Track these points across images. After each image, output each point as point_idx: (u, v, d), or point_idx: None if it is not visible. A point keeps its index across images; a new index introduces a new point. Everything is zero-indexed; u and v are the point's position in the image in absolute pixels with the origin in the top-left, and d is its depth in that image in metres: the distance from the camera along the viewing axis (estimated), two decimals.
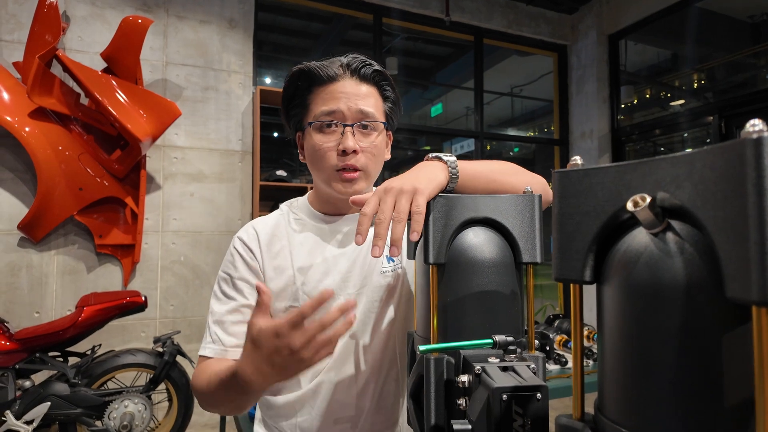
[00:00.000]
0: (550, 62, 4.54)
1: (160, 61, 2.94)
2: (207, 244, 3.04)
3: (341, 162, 0.83)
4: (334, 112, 0.83)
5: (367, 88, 0.86)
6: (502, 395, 0.47)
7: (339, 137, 0.84)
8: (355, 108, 0.83)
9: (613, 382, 0.34)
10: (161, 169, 2.94)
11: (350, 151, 0.82)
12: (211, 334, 0.85)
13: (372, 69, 0.87)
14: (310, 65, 0.86)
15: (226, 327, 0.84)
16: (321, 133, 0.84)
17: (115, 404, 2.23)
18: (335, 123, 0.84)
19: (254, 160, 3.10)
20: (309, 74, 0.85)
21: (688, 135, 4.23)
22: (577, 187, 0.37)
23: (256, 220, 0.94)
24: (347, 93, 0.84)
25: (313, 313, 0.62)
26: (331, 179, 0.85)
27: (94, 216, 2.74)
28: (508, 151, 6.49)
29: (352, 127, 0.83)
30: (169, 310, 2.94)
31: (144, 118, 2.66)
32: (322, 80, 0.85)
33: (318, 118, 0.84)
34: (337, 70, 0.85)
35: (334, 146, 0.84)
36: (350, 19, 3.93)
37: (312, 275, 0.86)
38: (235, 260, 0.88)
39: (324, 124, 0.84)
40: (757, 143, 0.25)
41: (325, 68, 0.85)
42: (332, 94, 0.84)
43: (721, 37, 4.03)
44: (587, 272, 0.36)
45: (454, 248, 0.60)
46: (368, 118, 0.84)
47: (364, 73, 0.86)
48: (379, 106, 0.88)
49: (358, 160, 0.84)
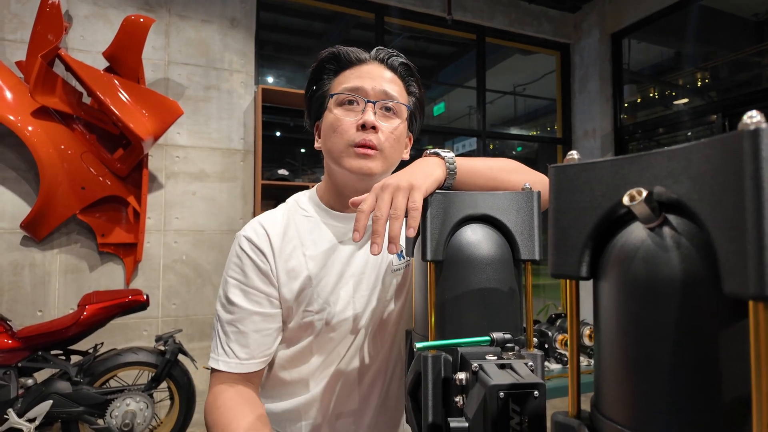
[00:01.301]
0: (552, 61, 4.53)
1: (162, 60, 2.95)
2: (209, 243, 3.04)
3: (358, 137, 0.79)
4: (358, 88, 0.81)
5: (392, 76, 0.85)
6: (498, 392, 0.47)
7: (360, 114, 0.81)
8: (379, 88, 0.82)
9: (609, 378, 0.33)
10: (163, 168, 2.95)
11: (369, 126, 0.79)
12: (223, 346, 0.80)
13: (399, 61, 0.86)
14: (340, 49, 0.85)
15: (238, 338, 0.80)
16: (342, 107, 0.82)
17: (117, 402, 2.24)
18: (357, 99, 0.82)
19: (256, 159, 3.10)
20: (338, 57, 0.84)
21: (691, 134, 4.21)
22: (574, 182, 0.36)
23: (263, 216, 0.87)
24: (372, 74, 0.83)
25: None
26: (344, 154, 0.80)
27: (97, 215, 2.75)
28: (511, 150, 6.48)
29: (374, 105, 0.81)
30: (171, 308, 2.94)
31: (146, 117, 2.66)
32: (350, 62, 0.84)
33: (341, 92, 0.82)
34: (364, 56, 0.85)
35: (353, 121, 0.80)
36: (352, 18, 3.92)
37: (326, 278, 0.82)
38: (244, 264, 0.81)
39: (346, 100, 0.82)
40: (755, 134, 0.24)
41: (354, 53, 0.84)
42: (358, 74, 0.83)
43: (724, 35, 4.01)
44: (584, 268, 0.35)
45: (451, 245, 0.60)
46: (392, 100, 0.82)
47: (391, 63, 0.85)
48: (403, 95, 0.86)
49: (377, 137, 0.80)
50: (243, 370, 0.79)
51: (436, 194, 0.59)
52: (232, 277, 0.82)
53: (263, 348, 0.81)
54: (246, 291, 0.81)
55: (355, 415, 0.85)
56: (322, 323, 0.82)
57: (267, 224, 0.84)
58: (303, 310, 0.82)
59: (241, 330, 0.80)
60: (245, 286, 0.81)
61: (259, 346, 0.80)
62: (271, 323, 0.82)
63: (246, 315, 0.80)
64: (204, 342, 2.98)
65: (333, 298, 0.82)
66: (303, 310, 0.82)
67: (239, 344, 0.80)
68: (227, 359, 0.79)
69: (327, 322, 0.82)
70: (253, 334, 0.80)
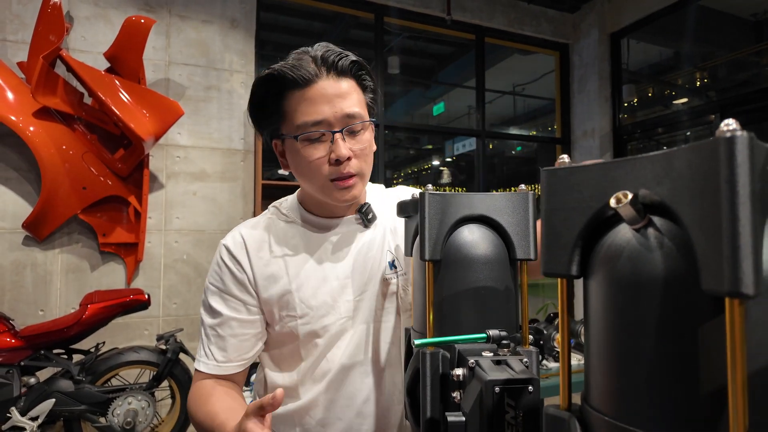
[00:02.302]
0: (551, 61, 4.54)
1: (162, 60, 2.96)
2: (209, 243, 3.06)
3: (336, 172, 0.78)
4: (320, 122, 0.76)
5: (347, 83, 0.79)
6: (494, 388, 0.49)
7: (329, 146, 0.78)
8: (341, 113, 0.77)
9: (596, 372, 0.35)
10: (164, 168, 2.96)
11: (344, 159, 0.77)
12: (204, 348, 0.84)
13: (349, 60, 0.79)
14: (280, 69, 0.77)
15: (217, 341, 0.83)
16: (309, 144, 0.78)
17: (119, 401, 2.26)
18: (323, 133, 0.77)
19: (256, 159, 3.12)
20: (281, 79, 0.77)
21: (690, 133, 4.23)
22: (564, 185, 0.38)
23: (244, 224, 0.89)
24: (328, 95, 0.77)
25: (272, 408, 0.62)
26: (326, 189, 0.80)
27: (98, 215, 2.76)
28: (511, 150, 6.49)
29: (341, 133, 0.77)
30: (172, 308, 2.96)
31: (147, 117, 2.67)
32: (297, 84, 0.77)
33: (305, 131, 0.77)
34: (311, 70, 0.77)
35: (325, 157, 0.78)
36: (352, 19, 3.94)
37: (308, 282, 0.82)
38: (222, 272, 0.84)
39: (312, 137, 0.77)
40: (730, 141, 0.26)
41: (298, 70, 0.76)
42: (312, 100, 0.77)
43: (723, 35, 4.02)
44: (574, 267, 0.37)
45: (449, 245, 0.61)
46: (356, 120, 0.79)
47: (341, 66, 0.78)
48: (361, 100, 0.82)
49: (352, 165, 0.79)
50: (221, 372, 0.83)
51: (433, 195, 0.61)
52: (212, 283, 0.86)
53: (241, 352, 0.84)
54: (224, 297, 0.84)
55: (350, 421, 0.84)
56: (307, 328, 0.82)
57: (245, 231, 0.86)
58: (286, 315, 0.82)
59: (220, 334, 0.83)
60: (223, 293, 0.84)
61: (236, 350, 0.83)
62: (248, 329, 0.84)
63: (224, 320, 0.83)
64: None
65: (315, 303, 0.82)
66: (286, 315, 0.82)
67: (218, 347, 0.83)
68: (207, 361, 0.83)
69: (311, 328, 0.82)
70: (231, 339, 0.83)
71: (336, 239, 0.86)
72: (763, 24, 3.79)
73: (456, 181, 5.73)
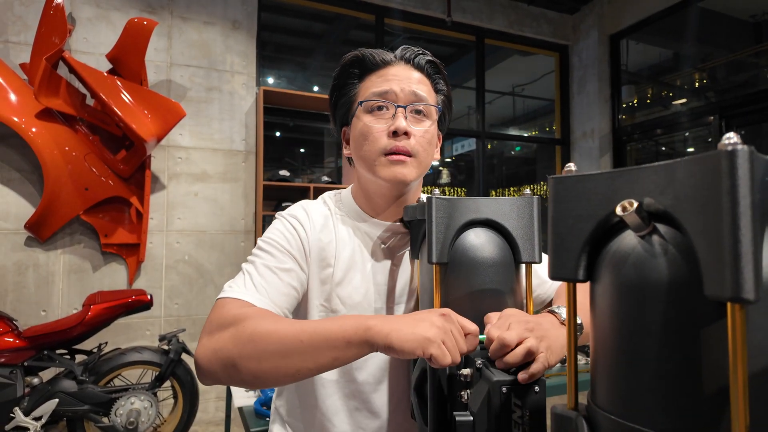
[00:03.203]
0: (551, 62, 4.56)
1: (164, 62, 2.97)
2: (211, 244, 3.07)
3: (391, 144, 0.77)
4: (387, 92, 0.79)
5: (420, 76, 0.82)
6: (501, 388, 0.50)
7: (390, 120, 0.79)
8: (408, 90, 0.79)
9: (603, 373, 0.36)
10: (166, 169, 2.97)
11: (401, 132, 0.77)
12: (255, 285, 0.73)
13: (426, 59, 0.83)
14: (364, 51, 0.82)
15: (275, 284, 0.75)
16: (371, 114, 0.80)
17: (122, 401, 2.26)
18: (387, 104, 0.79)
19: (257, 160, 3.13)
20: (362, 61, 0.82)
21: (689, 134, 4.24)
22: (571, 192, 0.39)
23: (305, 204, 0.88)
24: (400, 76, 0.80)
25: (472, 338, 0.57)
26: (377, 163, 0.78)
27: (100, 215, 2.77)
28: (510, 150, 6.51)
29: (404, 109, 0.78)
30: (174, 308, 2.97)
31: (149, 118, 2.69)
32: (376, 65, 0.81)
33: (369, 98, 0.80)
34: (390, 57, 0.82)
35: (384, 128, 0.78)
36: (352, 20, 3.95)
37: (349, 279, 0.81)
38: (286, 233, 0.81)
39: (375, 106, 0.79)
40: (731, 155, 0.27)
41: (378, 54, 0.82)
42: (384, 77, 0.80)
43: (722, 36, 4.04)
44: (581, 271, 0.38)
45: (456, 248, 0.63)
46: (422, 102, 0.80)
47: (418, 62, 0.82)
48: (432, 95, 0.83)
49: (409, 143, 0.78)
50: (259, 303, 0.71)
51: (440, 200, 0.62)
52: (270, 238, 0.81)
53: (280, 297, 0.75)
54: (279, 249, 0.79)
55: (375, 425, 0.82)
56: None
57: (311, 211, 0.85)
58: (320, 304, 0.81)
59: (281, 277, 0.76)
60: (279, 246, 0.79)
61: (278, 294, 0.75)
62: (292, 280, 0.78)
63: (288, 267, 0.77)
64: None
65: (350, 302, 0.81)
66: (320, 304, 0.81)
67: (278, 291, 0.75)
68: (258, 296, 0.72)
69: None
70: (284, 286, 0.76)
71: (381, 244, 0.85)
72: (762, 25, 3.81)
73: (455, 181, 5.74)
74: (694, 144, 4.35)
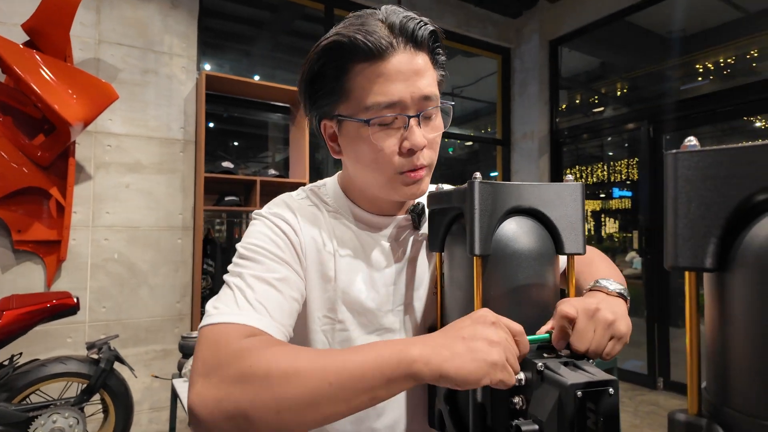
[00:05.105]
0: (493, 64, 4.69)
1: (92, 38, 2.66)
2: (145, 240, 2.80)
3: (408, 164, 0.66)
4: (395, 104, 0.64)
5: (423, 59, 0.67)
6: (576, 392, 0.45)
7: (401, 131, 0.66)
8: (418, 94, 0.65)
9: (747, 373, 0.32)
10: (92, 158, 2.67)
11: (419, 149, 0.66)
12: (250, 302, 0.59)
13: (428, 30, 0.67)
14: (350, 34, 0.63)
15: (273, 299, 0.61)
16: (381, 131, 0.65)
17: (42, 420, 1.99)
18: (396, 117, 0.65)
19: (197, 150, 2.91)
20: (350, 47, 0.63)
21: (612, 139, 4.55)
22: (696, 171, 0.35)
23: (287, 200, 0.74)
24: (404, 73, 0.64)
25: None
26: (392, 183, 0.68)
27: (12, 208, 2.43)
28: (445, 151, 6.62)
29: (417, 118, 0.65)
30: (101, 312, 2.68)
31: (74, 99, 2.39)
32: (369, 55, 0.63)
33: (377, 114, 0.64)
34: (386, 39, 0.63)
35: (396, 143, 0.66)
36: (298, 9, 3.80)
37: (354, 284, 0.72)
38: (276, 239, 0.67)
39: (385, 122, 0.65)
40: None
41: (371, 36, 0.63)
42: (387, 77, 0.64)
43: (645, 49, 4.37)
44: (708, 259, 0.34)
45: (496, 239, 0.57)
46: (432, 104, 0.67)
47: (420, 37, 0.66)
48: (435, 79, 0.69)
49: (425, 156, 0.67)
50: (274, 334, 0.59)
51: (484, 185, 0.56)
52: (254, 245, 0.66)
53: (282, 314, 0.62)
54: (267, 257, 0.65)
55: None
56: (344, 335, 0.71)
57: (296, 207, 0.73)
58: (323, 316, 0.71)
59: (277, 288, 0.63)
60: (267, 252, 0.66)
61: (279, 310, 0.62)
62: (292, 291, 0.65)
63: (279, 277, 0.64)
64: (141, 347, 2.73)
65: (360, 310, 0.72)
66: (323, 316, 0.71)
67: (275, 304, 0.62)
68: (256, 315, 0.59)
69: (348, 335, 0.71)
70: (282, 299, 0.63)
71: (387, 242, 0.75)
72: (677, 41, 4.15)
73: None
74: (622, 149, 4.67)
